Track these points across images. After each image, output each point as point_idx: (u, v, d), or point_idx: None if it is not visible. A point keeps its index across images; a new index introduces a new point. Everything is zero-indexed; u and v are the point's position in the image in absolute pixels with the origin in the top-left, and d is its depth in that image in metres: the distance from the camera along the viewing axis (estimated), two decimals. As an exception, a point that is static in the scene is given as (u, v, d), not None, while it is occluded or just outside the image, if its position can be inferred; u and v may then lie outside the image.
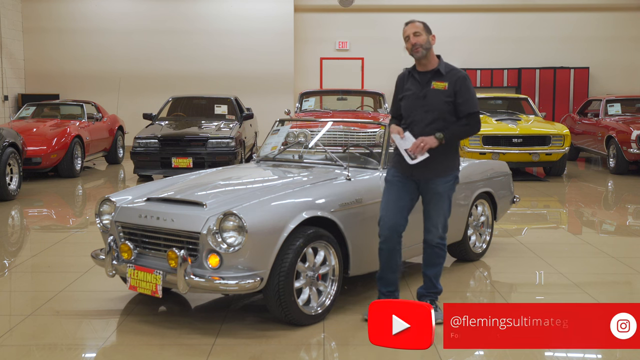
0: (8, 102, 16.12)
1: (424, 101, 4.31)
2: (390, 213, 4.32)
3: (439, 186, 4.34)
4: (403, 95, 4.42)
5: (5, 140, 9.42)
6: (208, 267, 4.13)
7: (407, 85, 4.40)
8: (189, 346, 4.10)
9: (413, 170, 4.33)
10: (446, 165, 4.38)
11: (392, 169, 4.49)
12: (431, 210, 4.39)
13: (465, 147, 11.36)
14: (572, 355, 4.05)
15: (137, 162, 11.14)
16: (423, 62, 4.35)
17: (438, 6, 17.15)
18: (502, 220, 7.10)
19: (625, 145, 11.82)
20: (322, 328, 4.33)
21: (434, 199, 4.37)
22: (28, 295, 5.30)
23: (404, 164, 4.32)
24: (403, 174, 4.37)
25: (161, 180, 5.32)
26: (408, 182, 4.37)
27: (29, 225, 8.31)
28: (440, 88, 4.30)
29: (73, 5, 16.92)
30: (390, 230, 4.31)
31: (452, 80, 4.31)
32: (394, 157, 4.48)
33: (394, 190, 4.37)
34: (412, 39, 4.27)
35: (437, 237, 4.41)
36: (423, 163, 4.26)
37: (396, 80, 4.51)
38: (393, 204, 4.34)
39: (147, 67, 16.83)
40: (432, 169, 4.32)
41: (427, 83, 4.33)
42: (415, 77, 4.39)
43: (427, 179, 4.34)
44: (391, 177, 4.42)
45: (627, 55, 17.25)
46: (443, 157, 4.35)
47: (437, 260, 4.47)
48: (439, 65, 4.35)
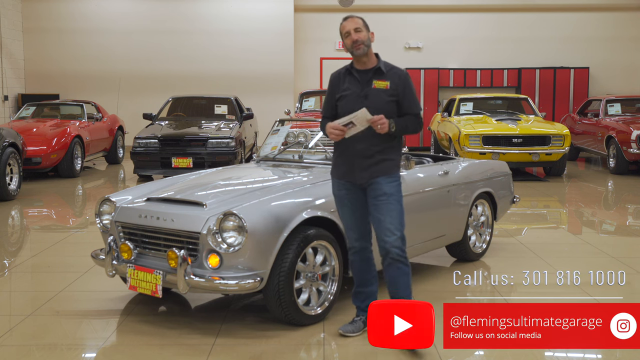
0: (8, 102, 16.11)
1: (366, 101, 4.01)
2: (352, 225, 4.13)
3: (385, 186, 4.03)
4: (341, 95, 4.10)
5: (5, 140, 9.42)
6: (208, 267, 4.13)
7: (345, 84, 4.10)
8: (189, 346, 4.10)
9: (355, 174, 4.06)
10: (387, 165, 4.06)
11: (334, 179, 4.21)
12: (381, 213, 4.01)
13: (465, 147, 11.36)
14: (572, 355, 4.05)
15: (137, 162, 11.14)
16: (363, 60, 4.07)
17: (438, 6, 17.15)
18: (502, 220, 7.09)
19: (625, 145, 11.82)
20: (322, 328, 4.33)
21: (382, 200, 4.02)
22: (28, 295, 5.30)
23: (343, 169, 4.10)
24: (347, 182, 4.10)
25: (161, 180, 5.33)
26: (354, 190, 4.10)
27: (29, 225, 8.31)
28: (382, 87, 4.04)
29: (73, 5, 16.92)
30: (359, 240, 4.14)
31: (393, 79, 4.06)
32: (334, 166, 4.20)
33: (346, 203, 4.13)
34: (354, 35, 4.01)
35: (395, 247, 3.99)
36: (364, 163, 4.02)
37: (330, 78, 4.20)
38: (350, 216, 4.13)
39: (147, 67, 16.83)
40: (373, 170, 4.04)
41: (367, 82, 4.05)
42: (355, 75, 4.09)
43: (370, 181, 4.03)
44: (337, 191, 4.16)
45: (627, 55, 17.25)
46: (382, 156, 4.06)
47: (403, 279, 4.05)
48: (379, 64, 4.08)
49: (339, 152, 4.15)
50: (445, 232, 5.62)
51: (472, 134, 11.43)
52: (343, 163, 4.11)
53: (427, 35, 17.23)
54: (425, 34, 17.23)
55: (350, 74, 4.11)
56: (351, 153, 4.05)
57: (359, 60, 4.09)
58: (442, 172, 5.63)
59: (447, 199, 5.58)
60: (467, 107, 13.19)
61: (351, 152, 4.05)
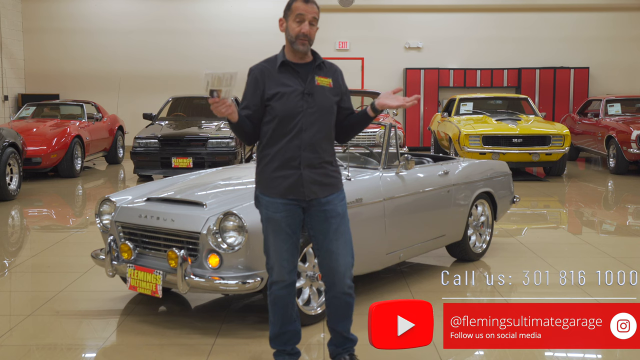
0: (8, 102, 16.12)
1: (311, 100, 3.36)
2: (285, 255, 3.41)
3: (337, 205, 3.43)
4: (277, 92, 3.35)
5: (5, 140, 9.42)
6: (208, 267, 4.13)
7: (280, 79, 3.37)
8: (189, 346, 4.10)
9: (304, 187, 3.36)
10: (336, 177, 3.48)
11: (268, 198, 3.40)
12: (333, 242, 3.41)
13: (465, 147, 11.36)
14: (572, 355, 4.05)
15: (137, 162, 11.14)
16: (300, 54, 3.41)
17: (438, 6, 17.15)
18: (502, 220, 7.09)
19: (625, 145, 11.82)
20: (322, 328, 4.33)
21: (334, 224, 3.41)
22: (28, 295, 5.30)
23: (284, 183, 3.36)
24: (290, 200, 3.37)
25: (161, 180, 5.33)
26: (294, 212, 3.39)
27: (29, 225, 8.31)
28: (325, 85, 3.42)
29: (73, 5, 16.92)
30: (291, 273, 3.44)
31: (334, 75, 3.49)
32: (269, 180, 3.41)
33: (283, 229, 3.39)
34: (307, 26, 3.36)
35: (347, 278, 3.46)
36: (313, 176, 3.37)
37: (252, 73, 3.42)
38: (283, 244, 3.40)
39: (147, 67, 16.83)
40: (324, 183, 3.40)
41: (308, 78, 3.40)
42: (294, 68, 3.40)
43: (320, 197, 3.39)
44: (273, 213, 3.38)
45: (627, 55, 17.24)
46: (329, 166, 3.45)
47: (348, 312, 3.53)
48: (318, 58, 3.46)
49: (276, 163, 3.38)
50: (445, 232, 5.62)
51: (472, 134, 11.44)
52: (284, 176, 3.38)
53: (427, 35, 17.23)
54: (425, 34, 17.23)
55: (286, 66, 3.40)
56: (296, 163, 3.36)
57: (295, 54, 3.41)
58: (442, 172, 5.63)
59: (447, 199, 5.59)
60: (467, 107, 13.19)
61: (296, 161, 3.36)
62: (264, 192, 3.42)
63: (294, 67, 3.40)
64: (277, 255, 3.42)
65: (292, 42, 3.37)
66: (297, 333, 3.58)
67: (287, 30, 3.39)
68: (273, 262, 3.44)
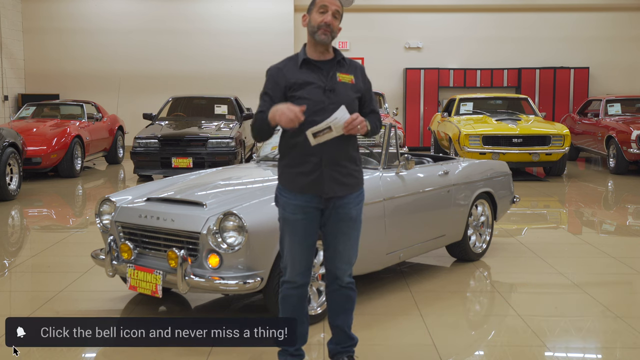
0: (8, 102, 16.12)
1: (333, 96, 3.32)
2: (300, 256, 3.41)
3: (352, 208, 3.40)
4: (300, 81, 3.34)
5: (5, 140, 9.42)
6: (208, 267, 4.13)
7: (301, 75, 3.34)
8: (189, 346, 4.09)
9: (324, 185, 3.32)
10: (357, 176, 3.45)
11: (290, 192, 3.37)
12: (341, 244, 3.42)
13: (465, 147, 11.36)
14: (572, 355, 4.05)
15: (137, 162, 11.14)
16: (321, 49, 3.37)
17: (438, 6, 17.16)
18: (502, 220, 7.09)
19: (625, 145, 11.82)
20: (322, 328, 4.33)
21: (344, 227, 3.41)
22: (28, 295, 5.30)
23: (309, 178, 3.32)
24: (305, 198, 3.34)
25: (161, 180, 5.33)
26: (312, 214, 3.37)
27: (29, 225, 8.31)
28: (347, 81, 3.38)
29: (73, 5, 16.92)
30: (303, 275, 3.44)
31: (356, 73, 3.45)
32: (288, 175, 3.38)
33: (299, 227, 3.37)
34: (330, 17, 3.30)
35: (347, 276, 3.49)
36: (335, 174, 3.33)
37: (270, 72, 3.42)
38: (299, 246, 3.39)
39: (147, 67, 16.83)
40: (344, 183, 3.37)
41: (330, 74, 3.37)
42: (316, 64, 3.37)
43: (337, 198, 3.36)
44: (292, 214, 3.35)
45: (627, 55, 17.25)
46: (352, 165, 3.42)
47: (349, 305, 3.54)
48: (339, 54, 3.42)
49: (298, 159, 3.35)
50: (445, 232, 5.62)
51: (472, 134, 11.44)
52: (304, 173, 3.34)
53: (427, 35, 17.23)
54: (425, 34, 17.24)
55: (308, 63, 3.37)
56: (317, 159, 3.32)
57: (316, 49, 3.38)
58: (442, 172, 5.63)
59: (447, 199, 5.59)
60: (467, 107, 13.20)
61: (317, 157, 3.32)
62: (284, 185, 3.40)
63: (316, 63, 3.36)
64: (291, 256, 3.42)
65: (313, 32, 3.33)
66: (303, 335, 3.55)
67: (309, 23, 3.36)
68: (286, 262, 3.44)
